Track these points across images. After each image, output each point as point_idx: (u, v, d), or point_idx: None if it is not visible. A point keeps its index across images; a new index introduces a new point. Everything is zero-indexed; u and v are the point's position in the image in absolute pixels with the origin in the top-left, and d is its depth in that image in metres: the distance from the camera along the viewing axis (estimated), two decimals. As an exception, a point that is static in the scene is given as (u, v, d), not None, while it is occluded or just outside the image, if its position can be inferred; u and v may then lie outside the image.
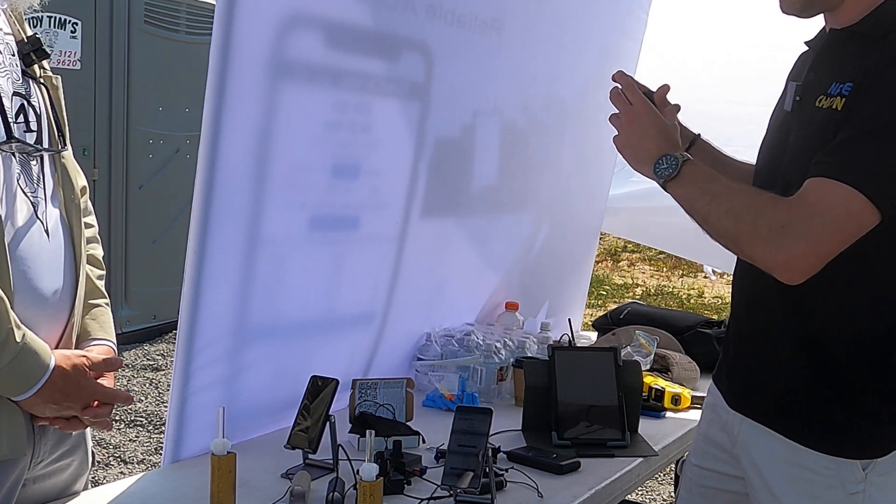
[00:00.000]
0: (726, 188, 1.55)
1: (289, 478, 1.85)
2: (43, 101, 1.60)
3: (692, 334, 2.96)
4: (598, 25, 3.09)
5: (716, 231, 1.54)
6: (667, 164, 1.60)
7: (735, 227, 1.50)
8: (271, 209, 2.03)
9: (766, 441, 1.65)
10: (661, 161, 1.60)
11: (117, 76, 5.68)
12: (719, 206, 1.52)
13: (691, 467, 1.89)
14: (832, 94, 1.51)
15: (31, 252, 1.49)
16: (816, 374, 1.58)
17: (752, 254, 1.50)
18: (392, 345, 2.56)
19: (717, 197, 1.53)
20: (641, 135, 1.65)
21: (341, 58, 2.13)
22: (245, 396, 2.09)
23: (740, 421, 1.71)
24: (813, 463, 1.58)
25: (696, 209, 1.57)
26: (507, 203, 2.94)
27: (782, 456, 1.62)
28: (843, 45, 1.57)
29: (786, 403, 1.62)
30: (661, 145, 1.63)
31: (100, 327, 1.68)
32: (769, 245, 1.46)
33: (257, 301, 2.08)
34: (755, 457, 1.68)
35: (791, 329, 1.60)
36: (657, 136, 1.64)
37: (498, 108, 2.75)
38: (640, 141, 1.65)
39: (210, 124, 1.84)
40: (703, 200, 1.55)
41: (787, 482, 1.62)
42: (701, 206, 1.55)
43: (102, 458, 4.16)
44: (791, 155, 1.61)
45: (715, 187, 1.55)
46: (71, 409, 1.53)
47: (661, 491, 4.14)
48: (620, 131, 1.70)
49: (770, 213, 1.47)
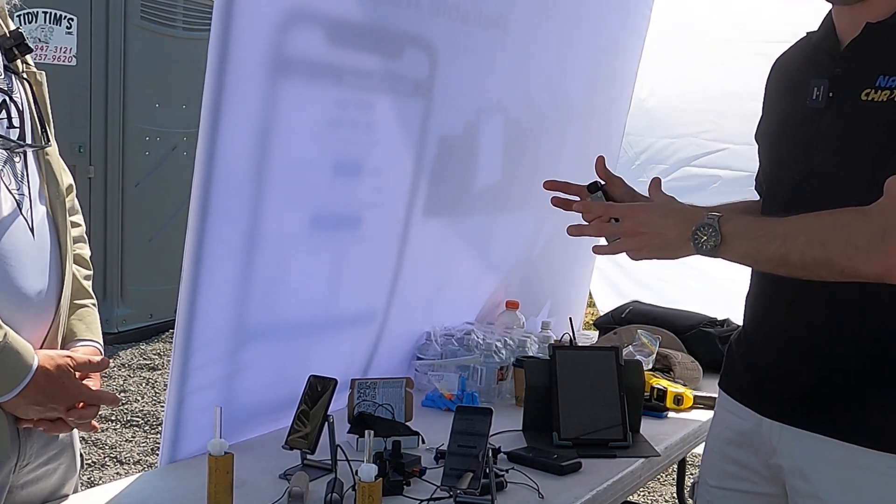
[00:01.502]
0: (790, 224, 1.46)
1: (287, 478, 1.84)
2: (26, 97, 1.57)
3: (695, 333, 2.95)
4: (601, 21, 3.08)
5: (803, 266, 1.44)
6: (705, 236, 1.48)
7: (826, 253, 1.41)
8: (270, 207, 2.02)
9: (813, 446, 1.58)
10: (697, 235, 1.49)
11: (113, 72, 5.65)
12: (795, 243, 1.43)
13: (709, 489, 1.80)
14: (882, 86, 1.47)
15: (14, 250, 1.46)
16: (876, 372, 1.52)
17: (857, 269, 1.42)
18: (391, 344, 2.55)
19: (788, 236, 1.44)
20: (655, 232, 1.53)
21: (342, 54, 2.11)
22: (243, 396, 2.08)
23: (779, 429, 1.64)
24: (871, 463, 1.52)
25: (767, 258, 1.47)
26: (510, 201, 2.93)
27: (836, 459, 1.56)
28: (884, 37, 1.53)
29: (842, 406, 1.56)
30: (681, 223, 1.51)
31: (86, 328, 1.65)
32: (875, 254, 1.39)
33: (256, 300, 2.06)
34: (801, 463, 1.60)
35: (846, 329, 1.55)
36: (669, 220, 1.53)
37: (501, 105, 2.73)
38: (660, 238, 1.53)
39: (208, 121, 1.82)
40: (773, 246, 1.45)
41: (842, 486, 1.56)
42: (772, 252, 1.46)
43: (98, 459, 4.15)
44: (828, 151, 1.56)
45: (776, 228, 1.46)
46: (55, 411, 1.50)
47: (663, 492, 4.13)
48: (635, 247, 1.56)
49: (862, 223, 1.41)
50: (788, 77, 1.71)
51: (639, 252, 1.57)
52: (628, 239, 1.57)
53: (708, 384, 2.68)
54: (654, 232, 1.54)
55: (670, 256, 1.55)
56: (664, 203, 1.58)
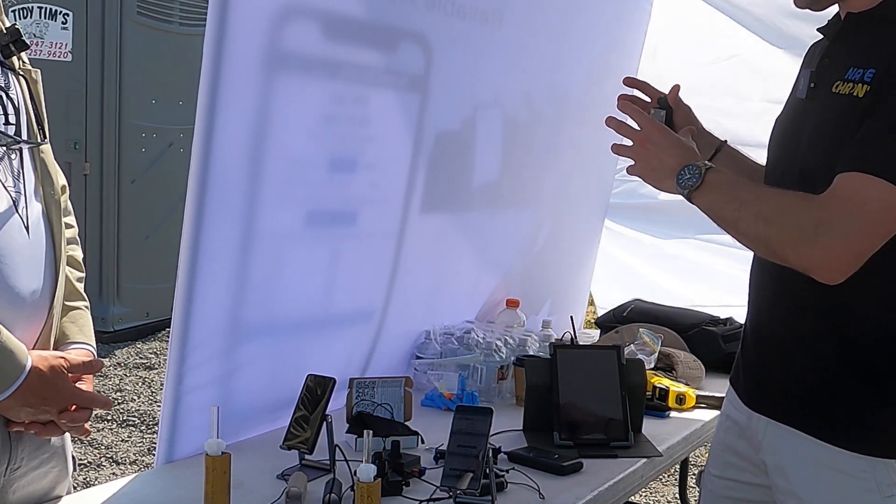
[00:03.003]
0: (754, 192, 1.52)
1: (285, 479, 1.83)
2: (22, 94, 1.55)
3: (697, 332, 2.94)
4: (601, 16, 3.08)
5: (747, 237, 1.51)
6: (689, 175, 1.55)
7: (766, 231, 1.46)
8: (267, 204, 2.01)
9: (794, 444, 1.60)
10: (684, 172, 1.55)
11: (109, 68, 5.62)
12: (748, 211, 1.48)
13: (711, 478, 1.83)
14: (851, 79, 1.47)
15: (8, 249, 1.45)
16: (850, 371, 1.53)
17: (787, 256, 1.46)
18: (390, 343, 2.54)
19: (745, 202, 1.49)
20: (658, 152, 1.60)
21: (338, 49, 2.11)
22: (240, 396, 2.07)
23: (765, 424, 1.66)
24: (846, 465, 1.54)
25: (723, 217, 1.53)
26: (509, 198, 2.92)
27: (813, 458, 1.58)
28: (861, 29, 1.54)
29: (816, 403, 1.58)
30: (681, 157, 1.58)
31: (79, 330, 1.63)
32: (804, 245, 1.42)
33: (253, 298, 2.06)
34: (782, 461, 1.63)
35: (823, 326, 1.56)
36: (674, 149, 1.60)
37: (499, 101, 2.73)
38: (659, 159, 1.60)
39: (204, 117, 1.82)
40: (731, 207, 1.51)
41: (818, 486, 1.57)
42: (728, 213, 1.51)
43: (94, 459, 4.13)
44: (807, 143, 1.58)
45: (742, 192, 1.51)
46: (47, 413, 1.48)
47: (665, 492, 4.11)
48: (636, 156, 1.64)
49: (802, 212, 1.43)
50: (800, 68, 1.72)
51: (636, 164, 1.64)
52: (635, 148, 1.64)
53: (710, 383, 2.68)
54: (656, 153, 1.60)
55: (658, 183, 1.62)
56: (682, 137, 1.64)
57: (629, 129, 1.65)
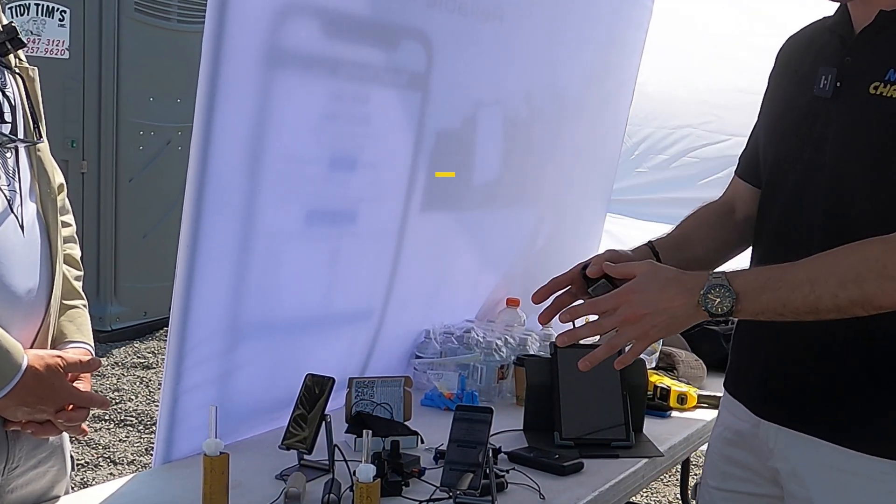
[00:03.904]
0: (812, 267, 1.39)
1: (283, 479, 1.82)
2: (18, 93, 1.55)
3: (699, 331, 2.91)
4: (602, 14, 3.07)
5: (836, 309, 1.37)
6: (720, 297, 1.38)
7: (861, 290, 1.35)
8: (266, 203, 2.00)
9: (809, 449, 1.55)
10: (707, 300, 1.38)
11: (107, 66, 5.61)
12: (826, 286, 1.36)
13: (709, 490, 1.77)
14: (892, 80, 1.42)
15: (3, 248, 1.44)
16: (865, 372, 1.49)
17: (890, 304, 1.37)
18: (390, 342, 2.53)
19: (815, 281, 1.37)
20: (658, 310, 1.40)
21: (338, 47, 2.09)
22: (238, 395, 2.06)
23: (776, 432, 1.60)
24: (866, 469, 1.49)
25: (794, 308, 1.38)
26: (509, 196, 2.92)
27: (829, 463, 1.52)
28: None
29: (831, 406, 1.53)
30: (685, 292, 1.40)
31: (76, 329, 1.62)
32: None
33: (251, 297, 2.05)
34: (797, 467, 1.57)
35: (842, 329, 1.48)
36: (665, 291, 1.41)
37: (500, 98, 2.72)
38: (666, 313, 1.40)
39: (202, 115, 1.81)
40: (800, 294, 1.37)
41: (836, 491, 1.52)
42: (800, 301, 1.37)
43: (91, 459, 4.12)
44: (835, 144, 1.51)
45: (798, 274, 1.38)
46: (44, 413, 1.47)
47: (666, 493, 4.10)
48: (638, 334, 1.42)
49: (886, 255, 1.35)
50: (796, 64, 1.66)
51: (646, 337, 1.42)
52: (630, 327, 1.41)
53: (712, 383, 2.67)
54: (658, 310, 1.40)
55: (681, 330, 1.45)
56: (651, 272, 1.44)
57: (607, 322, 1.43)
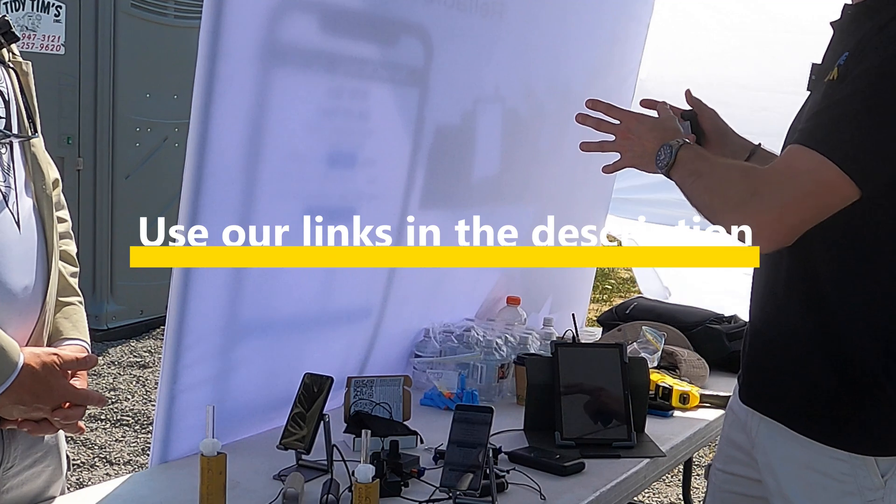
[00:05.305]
0: (710, 165, 1.58)
1: (281, 479, 1.82)
2: (12, 87, 1.54)
3: (701, 330, 2.92)
4: (603, 8, 3.06)
5: (697, 207, 1.57)
6: (664, 154, 1.63)
7: (710, 199, 1.54)
8: (263, 200, 1.99)
9: (781, 441, 1.61)
10: (660, 151, 1.64)
11: (103, 61, 5.58)
12: (701, 182, 1.56)
13: (716, 472, 1.85)
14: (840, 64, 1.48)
15: None
16: (834, 368, 1.54)
17: (724, 223, 1.50)
18: (389, 341, 2.52)
19: (701, 174, 1.57)
20: (640, 139, 1.70)
21: (336, 42, 2.09)
22: (236, 395, 2.06)
23: (758, 421, 1.67)
24: (830, 468, 1.54)
25: (684, 190, 1.60)
26: (509, 194, 2.91)
27: (798, 458, 1.59)
28: (855, 19, 1.54)
29: (802, 399, 1.58)
30: (658, 139, 1.67)
31: (73, 326, 1.61)
32: (737, 213, 1.47)
33: (249, 296, 2.04)
34: (771, 459, 1.64)
35: (808, 323, 1.56)
36: (652, 132, 1.69)
37: (500, 94, 2.71)
38: (641, 145, 1.70)
39: (199, 112, 1.80)
40: (690, 180, 1.58)
41: (802, 487, 1.58)
42: (688, 185, 1.59)
43: (87, 459, 4.10)
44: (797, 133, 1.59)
45: (701, 165, 1.59)
46: (40, 411, 1.47)
47: (668, 493, 4.09)
48: (621, 149, 1.75)
49: (742, 182, 1.49)
50: None
51: (622, 155, 1.74)
52: (618, 140, 1.75)
53: (715, 382, 2.67)
54: (637, 139, 1.71)
55: (646, 168, 1.70)
56: (660, 119, 1.73)
57: (609, 125, 1.74)
